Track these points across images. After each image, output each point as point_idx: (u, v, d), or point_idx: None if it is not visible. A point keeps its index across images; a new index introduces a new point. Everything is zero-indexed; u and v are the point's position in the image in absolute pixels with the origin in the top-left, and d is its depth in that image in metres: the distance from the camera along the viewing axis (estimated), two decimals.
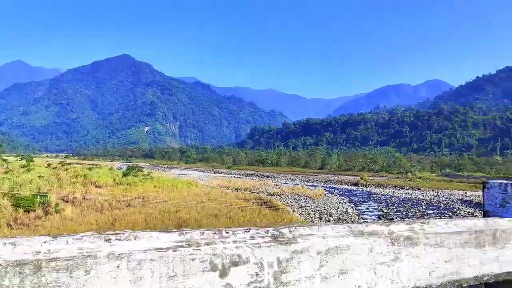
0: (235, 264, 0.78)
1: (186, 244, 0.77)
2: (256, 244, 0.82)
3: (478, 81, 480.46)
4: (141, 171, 53.77)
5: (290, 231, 0.89)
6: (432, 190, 59.26)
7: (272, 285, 0.82)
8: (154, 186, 40.31)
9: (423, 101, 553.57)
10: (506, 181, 1.38)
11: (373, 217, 29.86)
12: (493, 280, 1.23)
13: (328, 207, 34.46)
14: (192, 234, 0.81)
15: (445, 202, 41.95)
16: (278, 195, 43.10)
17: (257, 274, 0.80)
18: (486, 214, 1.42)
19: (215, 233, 0.83)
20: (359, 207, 35.90)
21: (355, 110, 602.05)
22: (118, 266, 0.73)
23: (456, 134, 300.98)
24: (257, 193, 44.44)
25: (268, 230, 0.87)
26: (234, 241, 0.81)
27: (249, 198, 36.41)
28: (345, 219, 27.35)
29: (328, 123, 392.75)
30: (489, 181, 1.43)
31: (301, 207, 33.66)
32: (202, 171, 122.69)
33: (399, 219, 27.60)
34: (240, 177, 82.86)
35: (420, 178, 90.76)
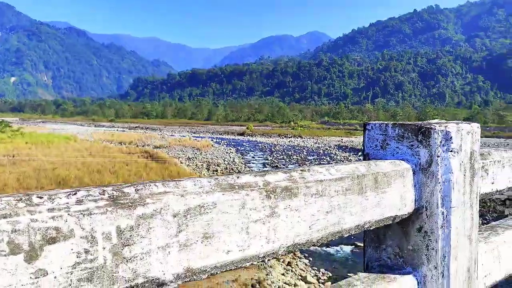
0: (51, 241, 0.57)
1: None
2: (84, 211, 0.62)
3: (354, 34, 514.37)
4: (9, 127, 48.29)
5: (136, 190, 0.70)
6: (313, 138, 63.12)
7: (111, 263, 0.63)
8: (26, 143, 36.59)
9: (305, 52, 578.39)
10: (386, 122, 1.34)
11: (259, 165, 30.81)
12: (374, 227, 1.20)
13: (215, 157, 34.67)
14: None
15: (324, 148, 44.95)
16: (165, 148, 42.19)
17: (86, 252, 0.61)
18: (366, 157, 1.38)
19: (20, 200, 0.59)
20: (245, 157, 36.74)
21: (241, 61, 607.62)
22: None
23: (334, 84, 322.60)
24: (143, 146, 42.98)
25: (104, 191, 0.67)
26: (50, 209, 0.59)
27: (134, 151, 35.04)
28: (232, 169, 27.77)
29: (214, 73, 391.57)
30: (370, 122, 1.38)
31: (189, 159, 33.37)
32: (82, 125, 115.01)
33: (283, 166, 29.08)
34: (124, 131, 79.37)
35: (301, 126, 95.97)
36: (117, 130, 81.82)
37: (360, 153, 38.64)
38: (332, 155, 37.97)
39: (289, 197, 0.93)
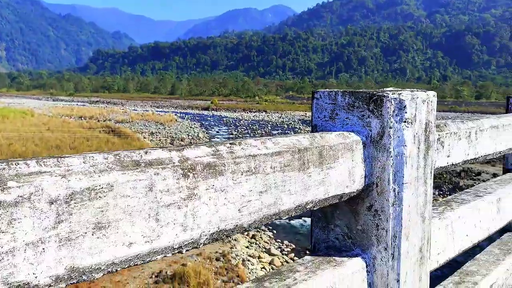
0: None
1: None
2: None
3: (318, 8, 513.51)
4: None
5: None
6: (277, 112, 63.34)
7: None
8: None
9: (269, 26, 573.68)
10: (336, 90, 1.20)
11: (223, 140, 30.74)
12: (318, 207, 1.08)
13: (179, 132, 34.26)
14: None
15: (288, 123, 45.23)
16: (127, 123, 41.30)
17: None
18: (314, 129, 1.24)
19: None
20: (210, 131, 36.50)
21: (205, 34, 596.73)
22: None
23: (298, 58, 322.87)
24: (104, 121, 41.88)
25: None
26: None
27: (95, 126, 34.14)
28: (197, 143, 27.59)
29: (177, 46, 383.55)
30: (319, 90, 1.23)
31: (152, 134, 32.84)
32: (39, 99, 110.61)
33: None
34: (84, 105, 77.03)
35: (266, 101, 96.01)
36: (77, 104, 79.34)
37: None
38: (296, 129, 38.27)
39: (213, 176, 0.77)
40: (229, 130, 37.43)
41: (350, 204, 1.20)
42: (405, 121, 1.16)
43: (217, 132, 36.24)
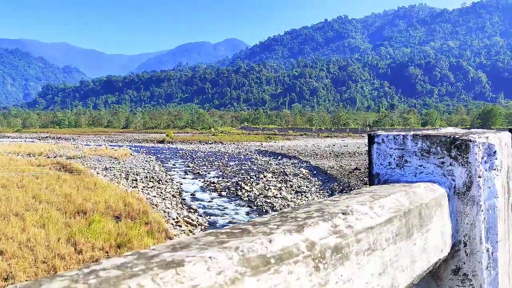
0: None
1: None
2: None
3: (270, 42, 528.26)
4: None
5: None
6: (233, 143, 63.68)
7: None
8: None
9: (223, 59, 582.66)
10: (404, 133, 1.02)
11: (180, 173, 30.48)
12: (418, 280, 0.85)
13: (135, 166, 33.69)
14: None
15: (244, 153, 45.54)
16: (79, 158, 40.13)
17: None
18: (376, 178, 1.04)
19: None
20: (166, 164, 36.13)
21: (158, 67, 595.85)
22: None
23: (252, 90, 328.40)
24: (55, 157, 40.51)
25: None
26: None
27: (45, 163, 32.91)
28: (153, 177, 27.17)
29: (131, 80, 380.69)
30: (380, 133, 1.04)
31: (106, 169, 32.08)
32: None
33: (205, 173, 29.11)
34: (33, 141, 74.19)
35: (222, 132, 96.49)
36: (25, 141, 76.28)
37: (281, 157, 39.72)
38: (253, 159, 38.59)
39: (340, 263, 0.56)
40: (185, 163, 37.20)
41: None
42: (495, 169, 1.01)
43: (174, 165, 35.93)
